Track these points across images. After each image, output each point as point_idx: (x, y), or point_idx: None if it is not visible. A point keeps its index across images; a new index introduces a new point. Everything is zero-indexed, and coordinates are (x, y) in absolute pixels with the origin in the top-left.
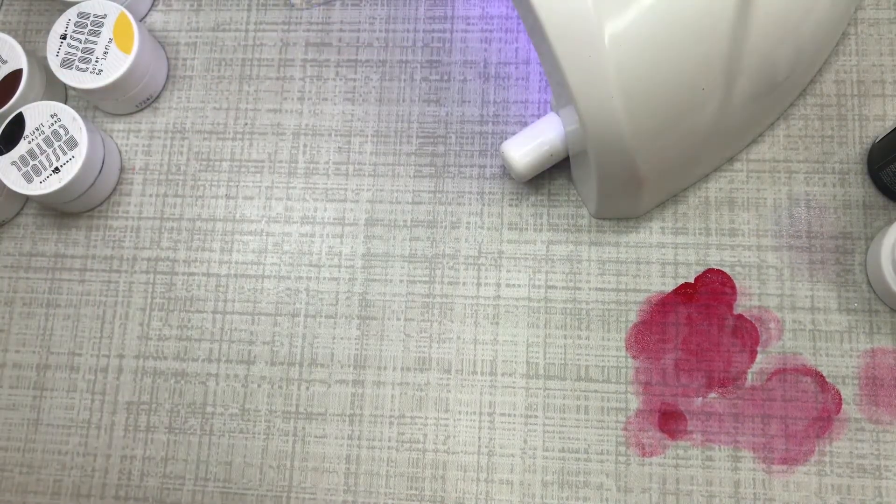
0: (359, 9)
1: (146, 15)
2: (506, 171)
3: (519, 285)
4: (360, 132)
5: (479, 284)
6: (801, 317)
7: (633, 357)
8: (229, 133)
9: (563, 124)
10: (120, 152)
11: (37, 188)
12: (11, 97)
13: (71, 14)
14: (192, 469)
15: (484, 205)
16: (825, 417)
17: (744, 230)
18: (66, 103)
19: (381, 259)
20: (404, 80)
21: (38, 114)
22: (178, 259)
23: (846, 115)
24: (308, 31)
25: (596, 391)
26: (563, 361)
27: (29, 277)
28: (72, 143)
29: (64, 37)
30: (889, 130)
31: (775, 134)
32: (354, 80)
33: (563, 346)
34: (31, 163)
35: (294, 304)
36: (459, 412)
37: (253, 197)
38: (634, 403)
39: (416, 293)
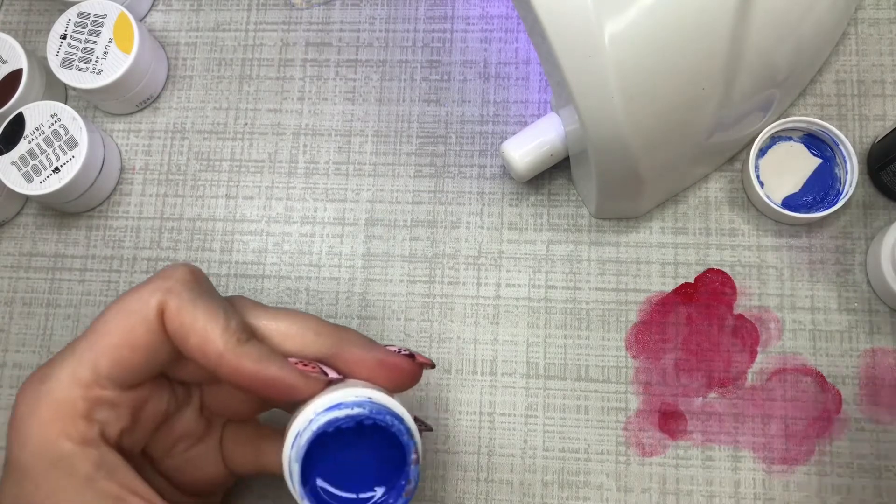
0: (359, 9)
1: (146, 15)
2: (506, 171)
3: (519, 285)
4: (360, 132)
5: (479, 284)
6: (801, 317)
7: (633, 357)
8: (229, 133)
9: (563, 124)
10: (120, 152)
11: (37, 188)
12: (11, 97)
13: (71, 14)
14: None
15: (484, 205)
16: (825, 417)
17: (744, 230)
18: (66, 103)
19: (381, 259)
20: (404, 80)
21: (38, 114)
22: (178, 259)
23: (846, 115)
24: (308, 31)
25: (596, 391)
26: (563, 361)
27: (29, 277)
28: (72, 143)
29: (64, 37)
30: (889, 130)
31: None
32: (354, 80)
33: (563, 346)
34: (31, 163)
35: (294, 304)
36: (459, 412)
37: (253, 197)
38: (634, 403)
39: (416, 293)
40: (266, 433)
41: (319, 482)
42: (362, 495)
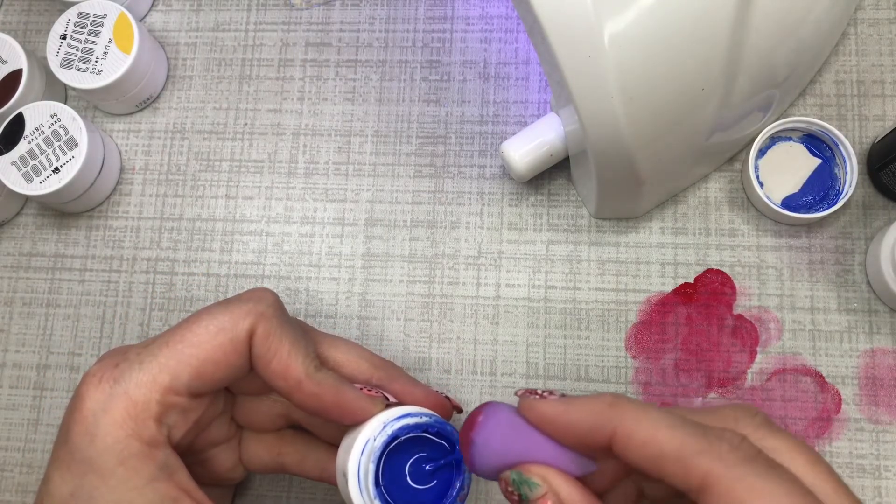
0: (359, 9)
1: (146, 15)
2: (506, 171)
3: (519, 285)
4: (360, 132)
5: (478, 284)
6: (801, 317)
7: (633, 357)
8: (229, 133)
9: (562, 124)
10: (120, 152)
11: (37, 188)
12: (11, 97)
13: (71, 14)
14: None
15: (484, 205)
16: (825, 417)
17: (743, 230)
18: (66, 103)
19: (381, 259)
20: (404, 80)
21: (38, 114)
22: (178, 259)
23: (846, 115)
24: (308, 31)
25: (596, 391)
26: (562, 361)
27: (29, 277)
28: (72, 143)
29: (64, 37)
30: (889, 130)
31: None
32: (354, 80)
33: (563, 346)
34: (31, 163)
35: (294, 304)
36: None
37: (253, 197)
38: None
39: (415, 293)
40: (286, 436)
41: (383, 483)
42: (421, 500)
